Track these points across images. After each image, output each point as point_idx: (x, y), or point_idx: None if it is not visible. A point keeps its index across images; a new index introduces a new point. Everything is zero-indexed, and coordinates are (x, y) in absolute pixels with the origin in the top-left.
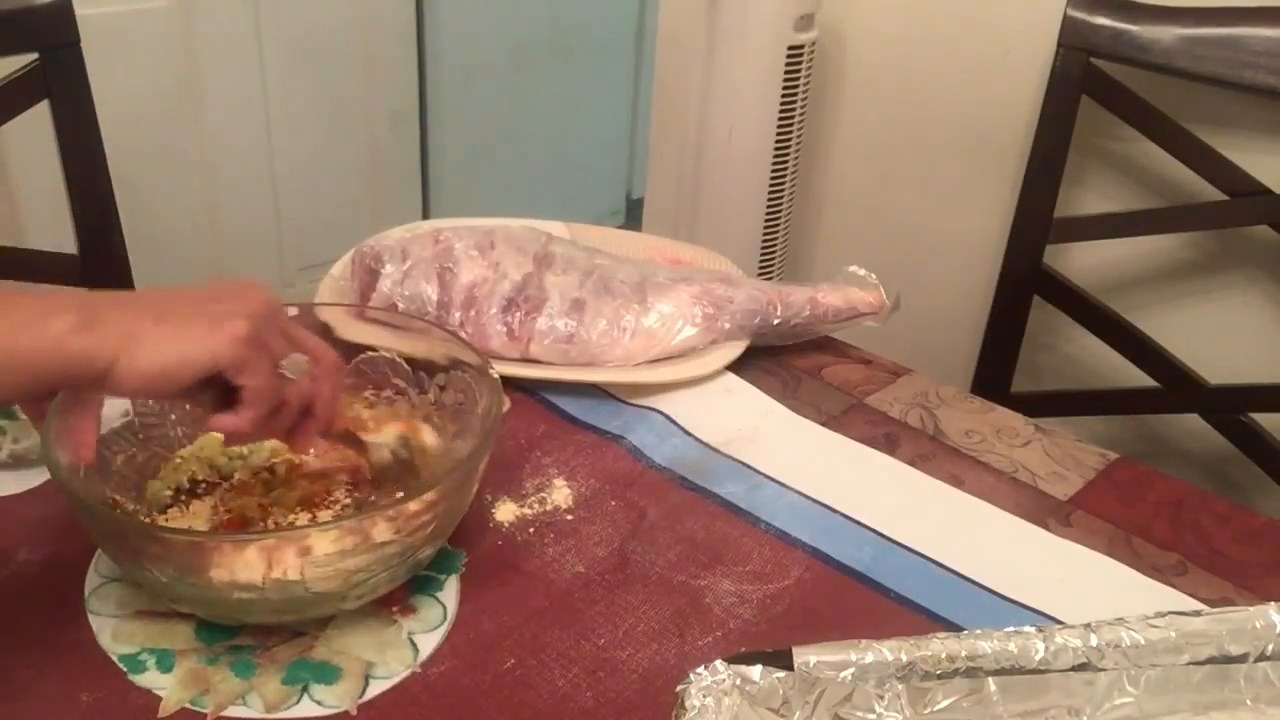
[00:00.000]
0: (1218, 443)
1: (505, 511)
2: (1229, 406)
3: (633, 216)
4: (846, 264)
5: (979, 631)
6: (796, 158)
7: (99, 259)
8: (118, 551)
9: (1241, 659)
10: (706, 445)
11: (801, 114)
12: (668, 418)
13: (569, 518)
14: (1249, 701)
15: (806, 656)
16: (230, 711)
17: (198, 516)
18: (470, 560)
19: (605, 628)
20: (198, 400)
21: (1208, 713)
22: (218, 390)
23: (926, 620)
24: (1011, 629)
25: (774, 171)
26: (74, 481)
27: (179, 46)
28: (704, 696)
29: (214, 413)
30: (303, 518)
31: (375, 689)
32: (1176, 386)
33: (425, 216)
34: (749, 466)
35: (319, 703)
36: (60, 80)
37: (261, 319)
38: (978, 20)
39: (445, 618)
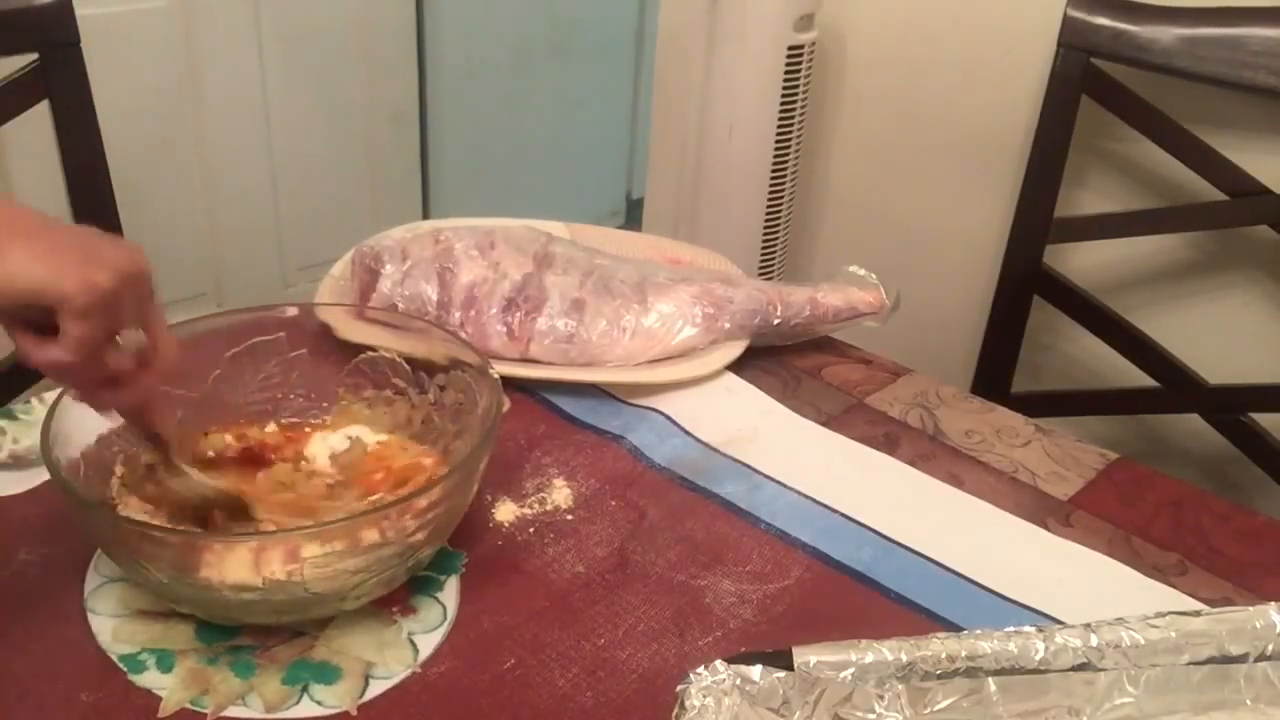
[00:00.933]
0: (1218, 443)
1: (505, 511)
2: (1229, 406)
3: (633, 216)
4: (846, 264)
5: (979, 631)
6: (796, 158)
7: None
8: (116, 551)
9: (1241, 659)
10: (706, 445)
11: (801, 114)
12: (668, 418)
13: (569, 518)
14: (1249, 701)
15: (806, 656)
16: (230, 711)
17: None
18: (470, 560)
19: (605, 628)
20: (12, 320)
21: (1208, 713)
22: (38, 320)
23: (926, 620)
24: (1011, 629)
25: (774, 171)
26: (74, 481)
27: (179, 46)
28: (704, 696)
29: (23, 337)
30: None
31: (375, 689)
32: (1176, 386)
33: (425, 216)
34: (749, 466)
35: (319, 703)
36: (60, 80)
37: (127, 281)
38: (978, 20)
39: (445, 618)
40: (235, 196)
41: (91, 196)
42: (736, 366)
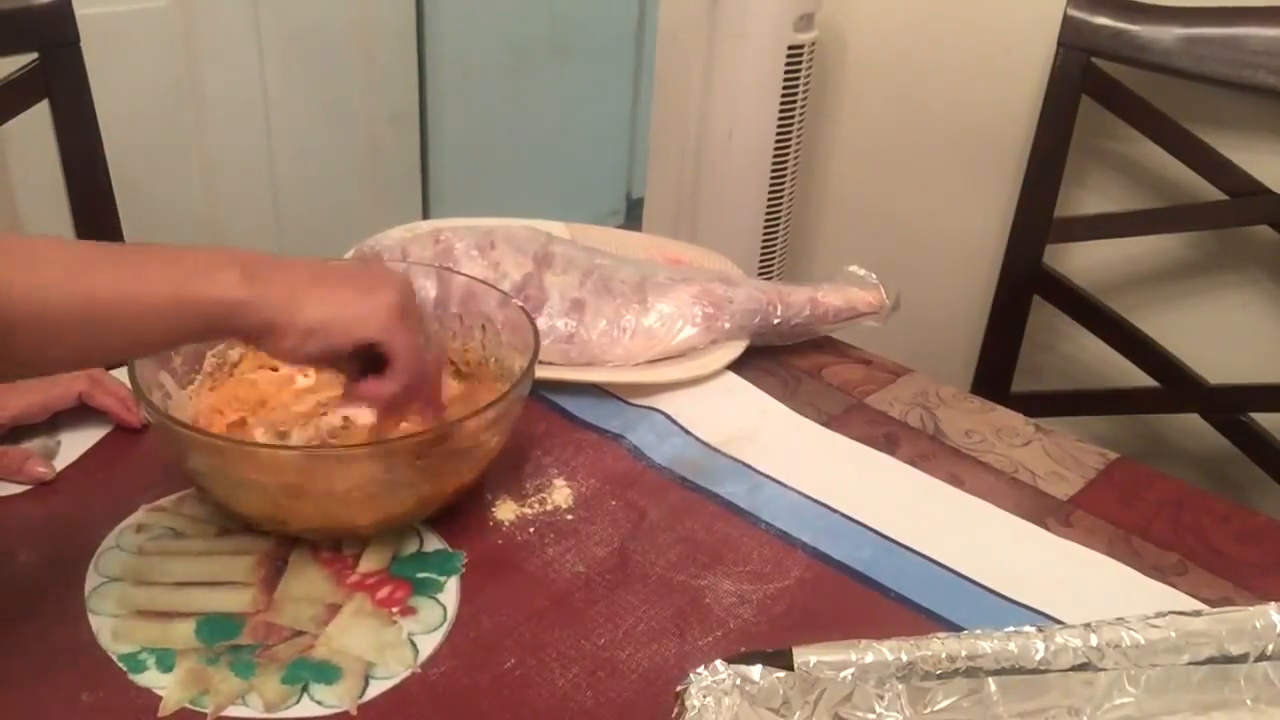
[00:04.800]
0: (1218, 443)
1: (505, 511)
2: (1229, 406)
3: (633, 216)
4: (846, 264)
5: (979, 631)
6: (796, 158)
7: None
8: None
9: (1241, 659)
10: (706, 445)
11: (801, 114)
12: (668, 417)
13: (569, 518)
14: (1249, 701)
15: (806, 656)
16: (230, 711)
17: None
18: (470, 560)
19: (605, 628)
20: (343, 368)
21: (1208, 713)
22: (361, 364)
23: (926, 620)
24: (1011, 629)
25: (774, 171)
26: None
27: (179, 46)
28: (704, 696)
29: (357, 386)
30: None
31: (375, 689)
32: (1176, 386)
33: (425, 216)
34: (749, 466)
35: (319, 703)
36: (60, 80)
37: (407, 293)
38: (978, 20)
39: (445, 618)
40: (235, 196)
41: (91, 196)
42: (736, 366)
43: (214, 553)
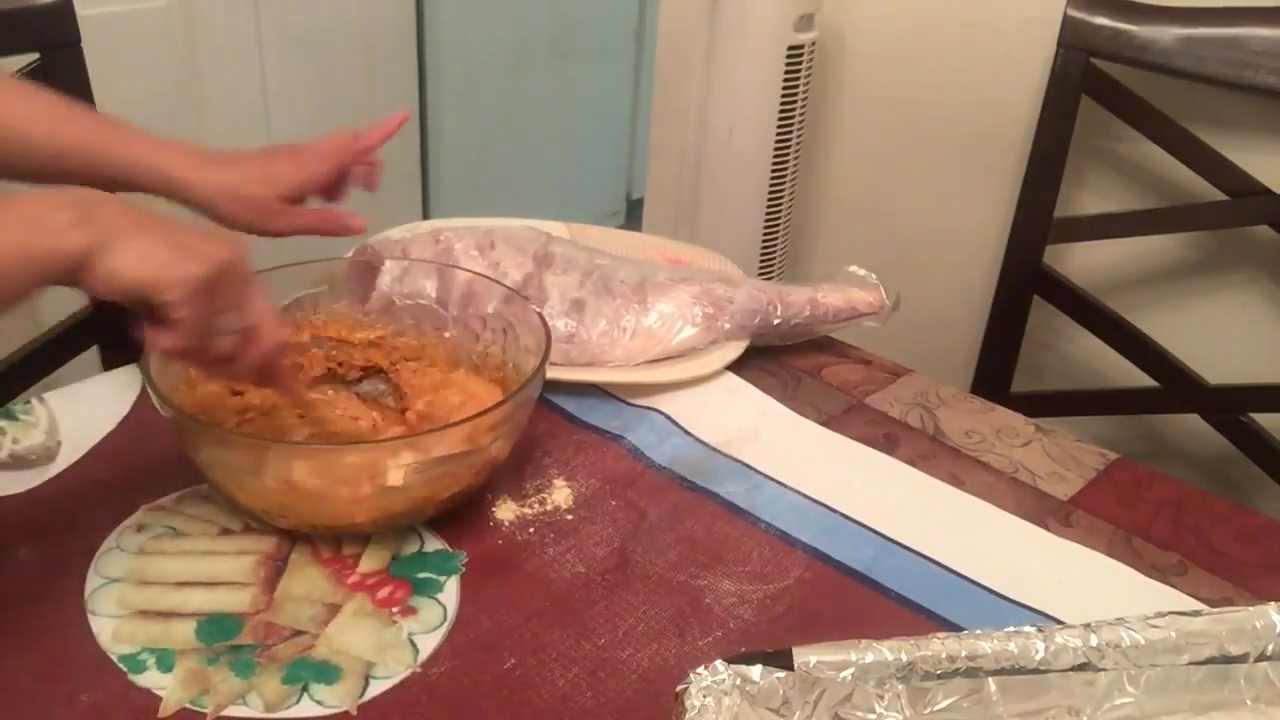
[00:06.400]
0: (1218, 443)
1: (505, 511)
2: (1229, 406)
3: (633, 216)
4: (846, 264)
5: (979, 631)
6: (796, 158)
7: None
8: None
9: (1241, 659)
10: (706, 445)
11: (801, 114)
12: (668, 417)
13: (569, 518)
14: (1249, 701)
15: (806, 656)
16: (230, 711)
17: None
18: (470, 560)
19: (605, 628)
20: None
21: (1208, 713)
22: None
23: (926, 620)
24: (1011, 629)
25: (774, 171)
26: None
27: (179, 46)
28: (704, 696)
29: (143, 327)
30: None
31: (375, 689)
32: (1176, 386)
33: (425, 216)
34: (749, 466)
35: (319, 702)
36: (60, 80)
37: (220, 269)
38: (978, 20)
39: (445, 618)
40: None
41: None
42: (736, 366)
43: (214, 553)
